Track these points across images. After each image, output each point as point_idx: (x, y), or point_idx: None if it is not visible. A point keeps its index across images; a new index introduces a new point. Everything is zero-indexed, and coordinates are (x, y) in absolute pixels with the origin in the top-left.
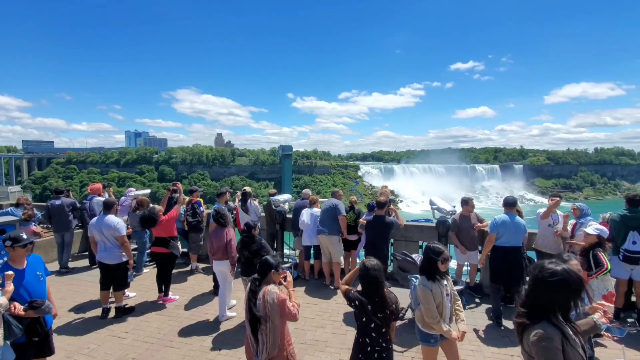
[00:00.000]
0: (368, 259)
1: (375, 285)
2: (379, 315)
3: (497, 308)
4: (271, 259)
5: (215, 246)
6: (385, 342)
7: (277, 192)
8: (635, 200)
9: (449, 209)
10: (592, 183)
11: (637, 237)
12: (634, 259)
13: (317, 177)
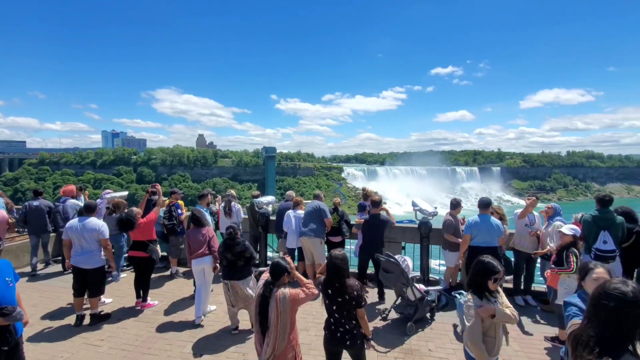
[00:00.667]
0: (335, 250)
1: (336, 273)
2: (338, 300)
3: None
4: (283, 262)
5: (193, 246)
6: (348, 325)
7: (260, 194)
8: (605, 201)
9: (430, 210)
10: (564, 185)
11: (608, 236)
12: (605, 257)
13: (301, 178)
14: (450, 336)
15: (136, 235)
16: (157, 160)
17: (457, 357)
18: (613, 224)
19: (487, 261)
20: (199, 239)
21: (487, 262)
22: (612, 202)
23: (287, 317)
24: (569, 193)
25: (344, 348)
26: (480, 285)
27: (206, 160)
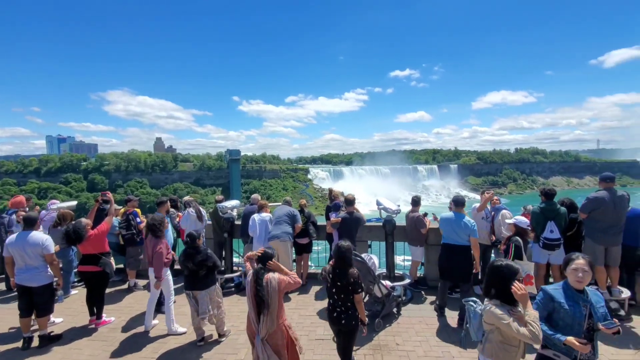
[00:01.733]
0: (341, 241)
1: (342, 260)
2: (338, 284)
3: (442, 300)
4: (270, 250)
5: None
6: (344, 307)
7: (224, 198)
8: (550, 194)
9: (394, 208)
10: (514, 179)
11: (554, 226)
12: (552, 245)
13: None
14: (416, 329)
15: (86, 249)
16: (110, 166)
17: (422, 349)
18: (558, 214)
19: (505, 264)
20: (151, 249)
21: (507, 263)
22: (556, 195)
23: (275, 300)
24: (518, 187)
25: (340, 327)
26: (503, 291)
27: (165, 165)
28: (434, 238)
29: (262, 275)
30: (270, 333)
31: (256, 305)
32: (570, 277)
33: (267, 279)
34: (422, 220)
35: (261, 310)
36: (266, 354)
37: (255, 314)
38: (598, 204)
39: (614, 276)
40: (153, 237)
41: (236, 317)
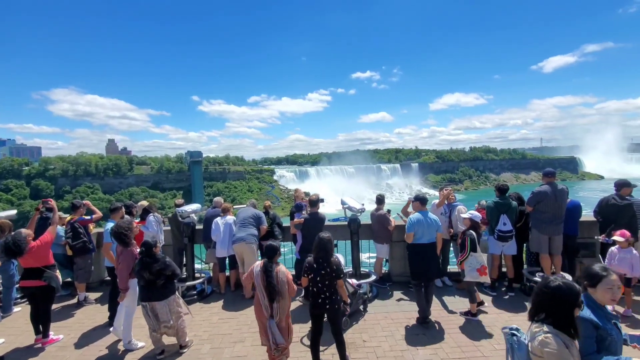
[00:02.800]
0: (322, 232)
1: (324, 249)
2: (322, 272)
3: (423, 308)
4: (275, 244)
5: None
6: (329, 293)
7: (184, 201)
8: (503, 189)
9: (358, 207)
10: (469, 176)
11: (506, 219)
12: (505, 237)
13: (232, 183)
14: (382, 324)
15: (27, 262)
16: (56, 171)
17: (388, 344)
18: (510, 208)
19: (564, 284)
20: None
21: (564, 286)
22: (509, 190)
23: (285, 289)
24: (473, 183)
25: (324, 312)
26: (559, 316)
27: (119, 169)
28: (398, 235)
29: (271, 267)
30: (280, 319)
31: (268, 294)
32: (604, 295)
33: (277, 270)
34: (388, 217)
35: (274, 298)
36: (279, 336)
37: (268, 301)
38: (542, 197)
39: (557, 263)
40: (121, 246)
41: (199, 325)
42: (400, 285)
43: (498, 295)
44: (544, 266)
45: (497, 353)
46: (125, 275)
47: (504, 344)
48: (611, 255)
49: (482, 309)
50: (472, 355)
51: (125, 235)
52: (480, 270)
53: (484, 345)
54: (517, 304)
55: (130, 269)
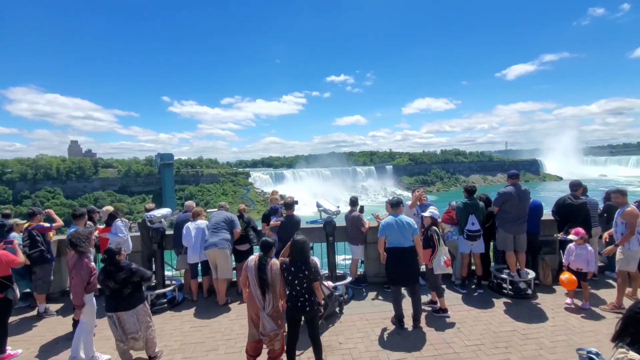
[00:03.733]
0: (296, 235)
1: (301, 252)
2: (299, 275)
3: (400, 311)
4: (270, 239)
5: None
6: (308, 295)
7: (155, 206)
8: (471, 191)
9: (334, 209)
10: (441, 178)
11: (475, 219)
12: (473, 236)
13: (205, 186)
14: (357, 326)
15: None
16: (14, 175)
17: (364, 344)
18: (478, 208)
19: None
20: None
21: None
22: (477, 191)
23: (277, 282)
24: (444, 184)
25: (303, 314)
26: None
27: (83, 172)
28: (372, 236)
29: (265, 261)
30: (274, 307)
31: (260, 286)
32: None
33: (271, 264)
34: (362, 219)
35: (266, 290)
36: (270, 324)
37: (260, 293)
38: (507, 197)
39: (521, 260)
40: (75, 256)
41: (169, 335)
42: (375, 286)
43: (468, 292)
44: (509, 263)
45: (468, 349)
46: (79, 290)
47: (474, 339)
48: (569, 251)
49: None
50: (444, 352)
51: (82, 242)
52: (446, 263)
53: (455, 342)
54: (486, 301)
55: (85, 282)
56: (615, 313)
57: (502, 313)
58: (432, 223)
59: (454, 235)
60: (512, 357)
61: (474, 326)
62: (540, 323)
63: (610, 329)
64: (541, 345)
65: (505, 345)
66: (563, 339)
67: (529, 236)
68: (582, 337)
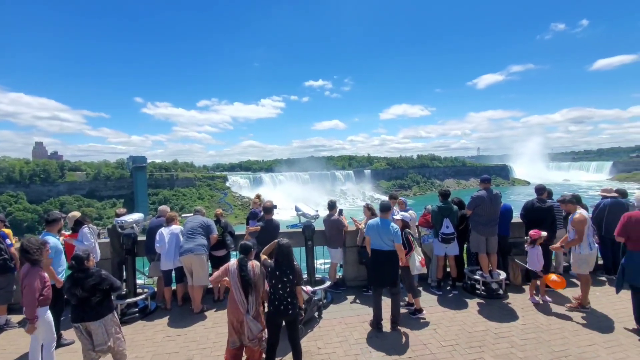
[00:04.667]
0: (281, 239)
1: (286, 256)
2: (284, 279)
3: (379, 314)
4: (249, 243)
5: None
6: (290, 298)
7: (126, 211)
8: (445, 194)
9: (312, 213)
10: (417, 182)
11: (449, 222)
12: (448, 239)
13: (180, 190)
14: (336, 330)
15: None
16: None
17: (343, 349)
18: (452, 212)
19: None
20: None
21: None
22: (450, 195)
23: (260, 283)
24: (420, 188)
25: (285, 317)
26: None
27: (49, 175)
28: (351, 240)
29: (246, 262)
30: (256, 311)
31: (244, 287)
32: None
33: (251, 265)
34: (342, 221)
35: (249, 293)
36: (256, 326)
37: (243, 296)
38: (479, 201)
39: (493, 261)
40: (27, 265)
41: (141, 346)
42: (354, 290)
43: (443, 294)
44: (482, 265)
45: (444, 349)
46: (31, 301)
47: (449, 340)
48: (526, 252)
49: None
50: (421, 353)
51: (33, 252)
52: (421, 262)
53: (431, 343)
54: (460, 302)
55: (38, 293)
56: (578, 311)
57: (476, 313)
58: (404, 225)
59: (429, 238)
60: (486, 356)
61: (450, 327)
62: (511, 322)
63: (575, 326)
64: (512, 343)
65: (479, 344)
66: (532, 337)
67: (500, 238)
68: (550, 335)
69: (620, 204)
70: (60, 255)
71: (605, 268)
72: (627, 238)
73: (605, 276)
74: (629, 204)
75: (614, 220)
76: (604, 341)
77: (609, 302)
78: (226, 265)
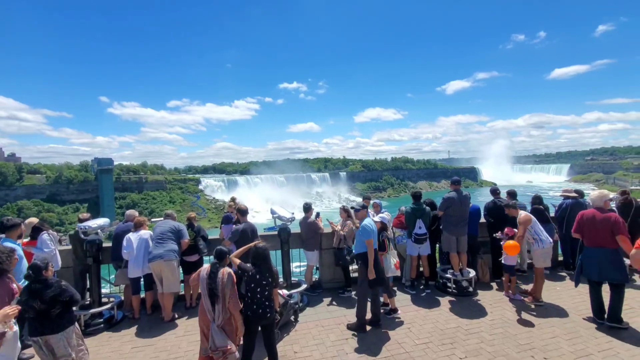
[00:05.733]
0: (258, 243)
1: (265, 260)
2: (263, 283)
3: (365, 315)
4: (224, 248)
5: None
6: (267, 301)
7: (90, 216)
8: (417, 196)
9: (288, 216)
10: (391, 184)
11: (421, 223)
12: (420, 239)
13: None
14: (313, 333)
15: None
16: None
17: (319, 352)
18: (424, 213)
19: None
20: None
21: None
22: (422, 196)
23: (227, 291)
24: (395, 190)
25: (263, 322)
26: None
27: (5, 178)
28: (327, 242)
29: (217, 269)
30: (225, 321)
31: (210, 296)
32: None
33: (222, 272)
34: (318, 223)
35: (215, 301)
36: (219, 338)
37: (210, 303)
38: (450, 202)
39: (463, 260)
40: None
41: (107, 358)
42: (330, 292)
43: (417, 293)
44: (453, 264)
45: (418, 347)
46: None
47: (423, 338)
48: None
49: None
50: (396, 352)
51: (4, 261)
52: (395, 265)
53: (406, 342)
54: (433, 300)
55: (6, 304)
56: (541, 306)
57: (448, 311)
58: (382, 228)
59: (403, 239)
60: (457, 352)
61: (423, 325)
62: (480, 318)
63: (539, 320)
64: (482, 338)
65: (451, 341)
66: (500, 332)
67: (469, 238)
68: (516, 329)
69: (580, 204)
70: (22, 262)
71: (565, 264)
72: (582, 235)
73: (565, 272)
74: (587, 204)
75: (574, 219)
76: (565, 333)
77: (569, 296)
78: (199, 270)
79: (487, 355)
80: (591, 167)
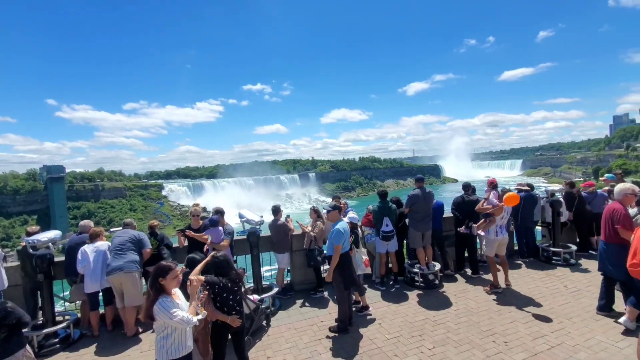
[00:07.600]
0: (215, 252)
1: (227, 266)
2: (235, 289)
3: (344, 317)
4: (197, 256)
5: None
6: (239, 306)
7: (40, 229)
8: (383, 195)
9: (257, 219)
10: (360, 184)
11: (388, 221)
12: (387, 237)
13: (107, 202)
14: (285, 336)
15: None
16: None
17: (292, 355)
18: (390, 211)
19: None
20: None
21: None
22: (388, 195)
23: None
24: (363, 189)
25: (234, 328)
26: None
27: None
28: (297, 244)
29: (186, 279)
30: (198, 330)
31: None
32: None
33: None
34: (288, 225)
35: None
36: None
37: None
38: (415, 199)
39: (429, 254)
40: None
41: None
42: (302, 294)
43: (386, 289)
44: (419, 259)
45: (389, 342)
46: None
47: (393, 332)
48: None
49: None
50: (369, 348)
51: None
52: (365, 263)
53: (377, 337)
54: (402, 295)
55: None
56: (501, 293)
57: (416, 304)
58: (353, 227)
59: (372, 237)
60: (426, 342)
61: (393, 319)
62: (446, 309)
63: (499, 307)
64: (448, 328)
65: (420, 333)
66: (465, 320)
67: (435, 232)
68: (479, 317)
69: (532, 196)
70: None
71: (520, 253)
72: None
73: (521, 260)
74: (537, 196)
75: (528, 211)
76: (522, 317)
77: (524, 283)
78: None
79: (453, 343)
80: (541, 162)
